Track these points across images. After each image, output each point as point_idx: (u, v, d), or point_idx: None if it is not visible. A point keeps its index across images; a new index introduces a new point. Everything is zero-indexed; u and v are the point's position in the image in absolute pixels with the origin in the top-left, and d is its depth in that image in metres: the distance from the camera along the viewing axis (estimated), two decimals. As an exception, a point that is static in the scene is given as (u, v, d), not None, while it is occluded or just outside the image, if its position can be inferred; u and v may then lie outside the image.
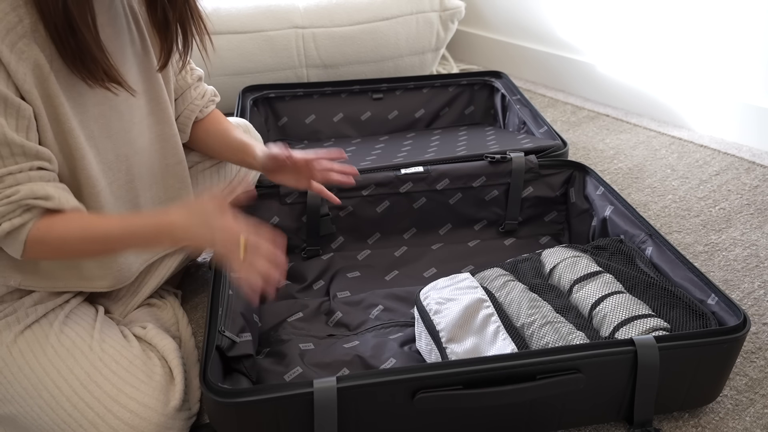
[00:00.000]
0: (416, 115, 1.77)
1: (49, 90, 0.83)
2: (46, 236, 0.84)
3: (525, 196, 1.36)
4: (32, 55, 0.80)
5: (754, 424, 0.98)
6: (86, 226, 0.87)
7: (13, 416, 0.88)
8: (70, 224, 0.86)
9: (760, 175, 1.64)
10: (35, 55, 0.80)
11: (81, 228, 0.86)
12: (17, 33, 0.78)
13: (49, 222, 0.85)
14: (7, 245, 0.85)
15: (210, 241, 0.85)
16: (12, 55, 0.78)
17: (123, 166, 0.98)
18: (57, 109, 0.85)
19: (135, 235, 0.87)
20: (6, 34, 0.77)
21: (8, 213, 0.81)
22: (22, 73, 0.79)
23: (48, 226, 0.85)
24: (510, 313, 1.02)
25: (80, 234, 0.86)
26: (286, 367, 1.01)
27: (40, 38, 0.81)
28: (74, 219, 0.87)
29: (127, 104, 0.96)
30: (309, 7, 1.88)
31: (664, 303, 1.01)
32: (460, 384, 0.85)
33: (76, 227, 0.86)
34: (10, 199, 0.81)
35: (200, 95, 1.13)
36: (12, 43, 0.78)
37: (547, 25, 2.19)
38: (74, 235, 0.86)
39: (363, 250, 1.34)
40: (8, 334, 0.91)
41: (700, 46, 1.81)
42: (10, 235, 0.83)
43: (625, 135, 1.88)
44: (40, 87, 0.82)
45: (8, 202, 0.81)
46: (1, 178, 0.81)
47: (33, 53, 0.80)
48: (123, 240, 0.87)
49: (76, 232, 0.86)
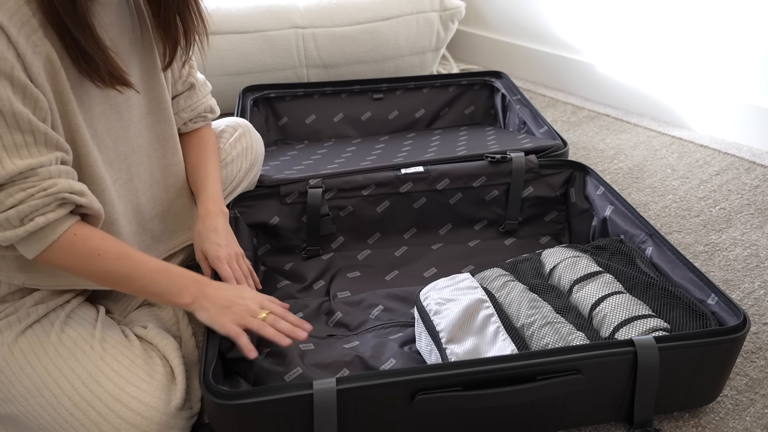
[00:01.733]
0: (416, 115, 1.77)
1: (60, 85, 0.83)
2: (82, 244, 0.85)
3: (525, 196, 1.36)
4: (45, 50, 0.80)
5: (755, 424, 0.98)
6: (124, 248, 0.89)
7: (15, 416, 0.88)
8: (108, 240, 0.88)
9: (761, 175, 1.64)
10: (47, 49, 0.80)
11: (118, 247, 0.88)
12: (31, 26, 0.78)
13: (88, 231, 0.86)
14: (30, 242, 0.83)
15: (222, 328, 0.91)
16: (27, 46, 0.78)
17: (123, 165, 0.98)
18: (66, 105, 0.85)
19: (169, 273, 0.90)
20: (21, 27, 0.77)
21: (44, 206, 0.81)
22: (37, 66, 0.79)
23: (87, 234, 0.86)
24: (510, 314, 1.02)
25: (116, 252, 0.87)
26: (286, 368, 1.01)
27: (50, 34, 0.81)
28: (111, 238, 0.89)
29: (127, 103, 0.96)
30: (309, 7, 1.88)
31: (664, 303, 1.01)
32: (459, 385, 0.85)
33: (113, 244, 0.88)
34: (47, 192, 0.80)
35: (190, 107, 1.11)
36: (27, 35, 0.78)
37: (548, 25, 2.19)
38: (110, 252, 0.87)
39: (363, 250, 1.34)
40: (9, 333, 0.91)
41: (701, 46, 1.81)
42: (41, 232, 0.82)
43: (626, 135, 1.88)
44: (51, 82, 0.82)
45: (45, 195, 0.80)
46: (34, 169, 0.80)
47: (45, 48, 0.80)
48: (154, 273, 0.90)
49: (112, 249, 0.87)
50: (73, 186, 0.83)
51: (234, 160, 1.22)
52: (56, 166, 0.82)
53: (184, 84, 1.10)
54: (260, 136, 1.30)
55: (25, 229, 0.81)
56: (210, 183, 1.09)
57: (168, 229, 1.09)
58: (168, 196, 1.08)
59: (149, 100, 1.01)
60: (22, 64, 0.78)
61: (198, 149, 1.13)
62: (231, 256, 1.02)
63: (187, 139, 1.13)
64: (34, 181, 0.80)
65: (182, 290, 0.90)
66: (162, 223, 1.08)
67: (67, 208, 0.83)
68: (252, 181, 1.28)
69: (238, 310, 0.91)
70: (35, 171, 0.80)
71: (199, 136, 1.14)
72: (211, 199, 1.07)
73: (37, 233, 0.82)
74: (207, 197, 1.07)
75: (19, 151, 0.79)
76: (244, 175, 1.25)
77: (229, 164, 1.21)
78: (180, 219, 1.11)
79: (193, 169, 1.11)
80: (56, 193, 0.81)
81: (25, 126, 0.79)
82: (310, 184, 1.28)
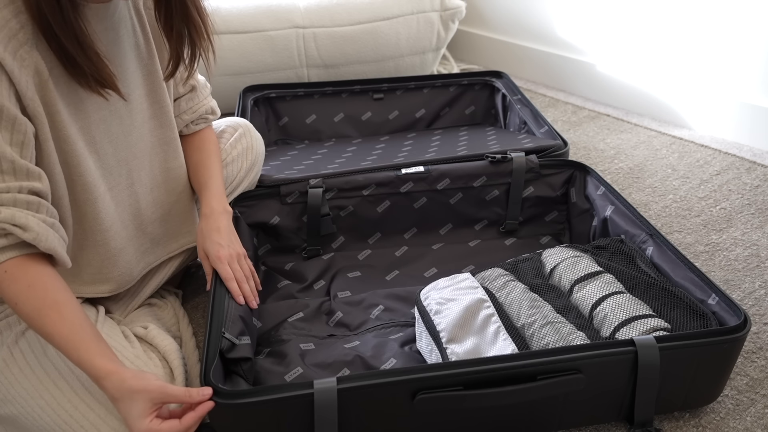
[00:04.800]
0: (417, 115, 1.77)
1: (47, 97, 0.83)
2: (6, 284, 0.80)
3: (526, 195, 1.36)
4: (33, 62, 0.80)
5: (755, 424, 0.98)
6: (44, 309, 0.80)
7: (14, 417, 0.88)
8: (35, 291, 0.80)
9: (761, 174, 1.64)
10: (36, 61, 0.80)
11: (38, 303, 0.80)
12: (19, 40, 0.78)
13: (20, 273, 0.80)
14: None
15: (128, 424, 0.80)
16: (15, 62, 0.78)
17: (124, 171, 0.98)
18: (54, 116, 0.85)
19: (81, 351, 0.80)
20: (8, 42, 0.77)
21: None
22: (25, 81, 0.79)
23: (16, 275, 0.80)
24: (510, 314, 1.02)
25: (33, 307, 0.80)
26: (286, 368, 1.01)
27: (41, 45, 0.81)
28: (41, 289, 0.81)
29: (128, 108, 0.96)
30: (309, 6, 1.88)
31: (665, 303, 1.01)
32: (460, 385, 0.85)
33: (34, 300, 0.80)
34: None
35: (191, 109, 1.11)
36: (14, 50, 0.78)
37: (548, 24, 2.19)
38: (27, 306, 0.80)
39: (363, 250, 1.34)
40: (9, 334, 0.91)
41: (701, 46, 1.81)
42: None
43: (626, 135, 1.88)
44: (40, 93, 0.82)
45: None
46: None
47: (34, 60, 0.80)
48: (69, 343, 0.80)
49: (30, 303, 0.80)
50: (17, 218, 0.79)
51: (234, 160, 1.22)
52: (12, 195, 0.79)
53: (186, 87, 1.10)
54: (260, 136, 1.30)
55: None
56: (213, 182, 1.09)
57: (168, 232, 1.09)
58: (169, 199, 1.08)
59: (151, 104, 1.01)
60: (7, 82, 0.77)
61: (200, 150, 1.13)
62: (232, 257, 1.02)
63: (188, 141, 1.13)
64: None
65: (91, 377, 0.82)
66: (162, 227, 1.08)
67: (10, 239, 0.80)
68: (252, 181, 1.28)
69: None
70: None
71: (201, 138, 1.14)
72: (215, 197, 1.07)
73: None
74: (211, 195, 1.07)
75: None
76: (245, 175, 1.25)
77: (230, 164, 1.21)
78: (180, 222, 1.11)
79: (195, 169, 1.11)
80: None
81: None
82: (310, 184, 1.28)
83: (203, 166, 1.11)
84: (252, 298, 1.03)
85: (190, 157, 1.12)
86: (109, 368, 0.80)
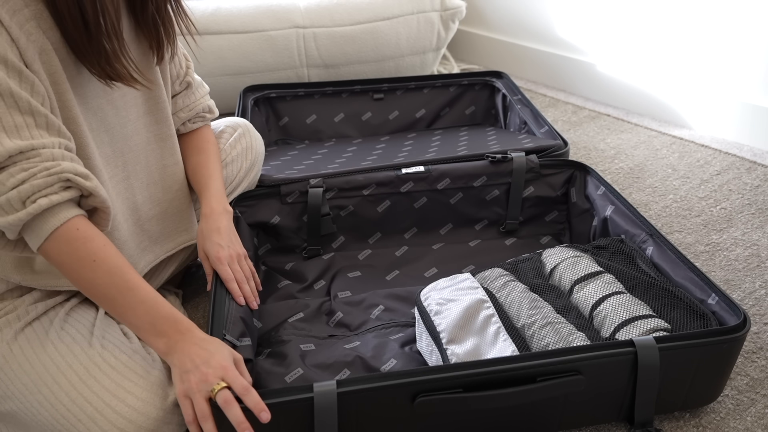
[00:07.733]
0: (417, 115, 1.77)
1: (56, 75, 0.82)
2: (81, 243, 0.81)
3: (526, 195, 1.36)
4: (39, 39, 0.79)
5: (755, 424, 0.98)
6: (122, 265, 0.83)
7: (14, 413, 0.88)
8: (109, 250, 0.83)
9: (762, 174, 1.64)
10: (41, 40, 0.80)
11: (116, 261, 0.83)
12: (24, 15, 0.78)
13: (92, 232, 0.82)
14: (32, 228, 0.80)
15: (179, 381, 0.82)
16: (21, 33, 0.77)
17: (120, 162, 0.98)
18: (62, 95, 0.84)
19: (154, 311, 0.83)
20: (13, 14, 0.77)
21: (46, 187, 0.78)
22: (31, 53, 0.78)
23: (89, 234, 0.81)
24: (511, 314, 1.02)
25: (112, 265, 0.82)
26: (286, 368, 1.01)
27: (45, 24, 0.80)
28: (113, 249, 0.83)
29: (123, 100, 0.96)
30: (310, 6, 1.88)
31: (665, 303, 1.01)
32: (460, 387, 0.85)
33: (112, 256, 0.83)
34: (50, 171, 0.77)
35: (188, 107, 1.11)
36: (20, 23, 0.77)
37: (548, 24, 2.19)
38: (106, 263, 0.82)
39: (364, 250, 1.34)
40: (8, 331, 0.91)
41: (701, 46, 1.81)
42: (43, 216, 0.79)
43: (626, 135, 1.88)
44: (47, 71, 0.81)
45: (48, 174, 0.77)
46: (36, 149, 0.77)
47: (39, 38, 0.80)
48: (139, 305, 0.83)
49: (109, 260, 0.82)
50: (78, 168, 0.79)
51: (234, 160, 1.22)
52: (60, 150, 0.79)
53: (182, 83, 1.10)
54: (260, 136, 1.30)
55: (27, 211, 0.77)
56: (213, 182, 1.09)
57: (166, 230, 1.09)
58: (166, 197, 1.08)
59: (146, 99, 1.01)
60: (16, 48, 0.76)
61: (198, 149, 1.12)
62: (232, 257, 1.02)
63: (186, 140, 1.13)
64: (36, 161, 0.77)
65: (159, 335, 0.84)
66: (160, 225, 1.08)
67: (72, 192, 0.80)
68: (252, 180, 1.28)
69: (193, 379, 0.81)
70: (37, 151, 0.77)
71: (199, 137, 1.14)
72: (215, 197, 1.07)
73: (39, 217, 0.79)
74: (211, 195, 1.07)
75: (20, 132, 0.77)
76: (245, 174, 1.25)
77: (230, 164, 1.21)
78: (178, 221, 1.11)
79: (194, 168, 1.11)
80: (60, 173, 0.78)
81: (25, 107, 0.77)
82: (310, 184, 1.28)
83: (203, 165, 1.10)
84: (252, 299, 1.03)
85: (189, 156, 1.12)
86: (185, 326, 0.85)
